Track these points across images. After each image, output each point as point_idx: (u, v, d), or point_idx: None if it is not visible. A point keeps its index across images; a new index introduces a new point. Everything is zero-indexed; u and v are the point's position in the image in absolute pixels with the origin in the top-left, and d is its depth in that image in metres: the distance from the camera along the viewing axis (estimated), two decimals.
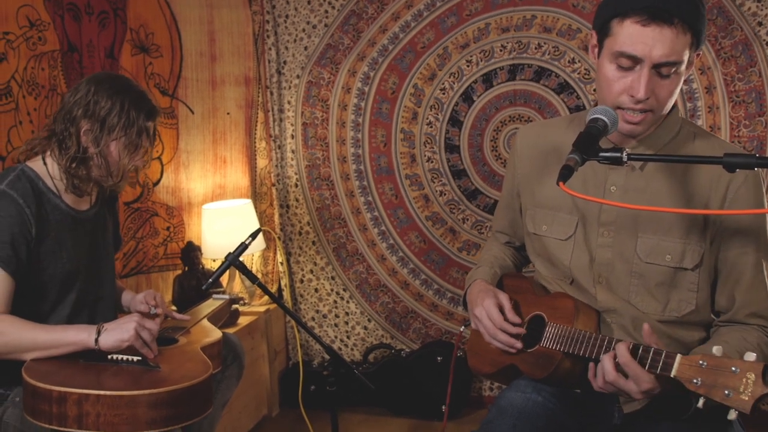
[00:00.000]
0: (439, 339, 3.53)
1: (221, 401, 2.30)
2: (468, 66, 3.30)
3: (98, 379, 1.75)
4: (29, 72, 2.56)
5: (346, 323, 3.66)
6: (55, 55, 2.68)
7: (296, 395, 3.38)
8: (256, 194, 3.66)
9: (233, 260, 2.16)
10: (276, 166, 3.59)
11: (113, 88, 1.97)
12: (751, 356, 1.26)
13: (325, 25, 3.44)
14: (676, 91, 1.56)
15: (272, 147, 3.57)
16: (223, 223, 3.26)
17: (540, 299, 1.79)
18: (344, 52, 3.44)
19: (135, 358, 1.85)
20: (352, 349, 3.66)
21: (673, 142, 1.66)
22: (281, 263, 3.63)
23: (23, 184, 1.90)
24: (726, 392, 1.25)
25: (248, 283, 3.44)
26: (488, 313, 1.75)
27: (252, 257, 3.67)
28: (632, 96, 1.52)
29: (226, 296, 2.66)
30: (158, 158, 3.28)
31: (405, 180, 3.47)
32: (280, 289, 3.67)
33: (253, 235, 2.23)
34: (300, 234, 3.64)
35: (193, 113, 3.45)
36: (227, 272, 3.28)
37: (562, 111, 3.21)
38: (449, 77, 3.33)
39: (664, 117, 1.64)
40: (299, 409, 3.29)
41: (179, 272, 3.31)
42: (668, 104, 1.58)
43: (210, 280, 2.12)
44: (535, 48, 3.21)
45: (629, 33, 1.48)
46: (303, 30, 3.47)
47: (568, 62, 3.17)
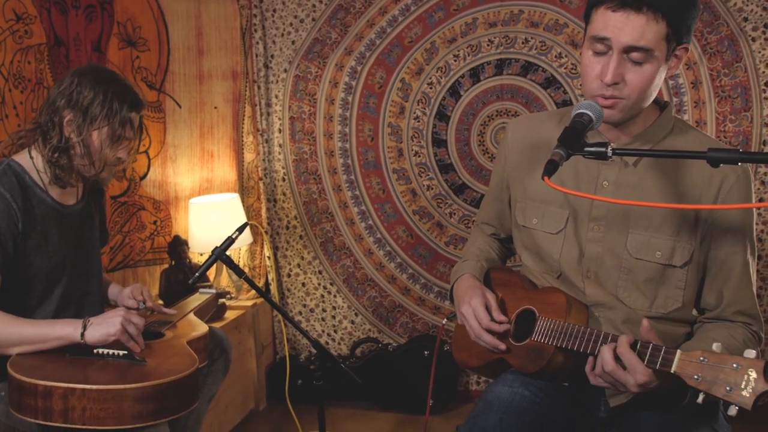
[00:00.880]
0: (426, 333, 3.54)
1: (208, 395, 2.30)
2: (455, 60, 3.31)
3: (84, 374, 1.75)
4: (15, 65, 2.54)
5: (333, 317, 3.66)
6: (42, 49, 2.66)
7: (283, 389, 3.37)
8: (244, 188, 3.65)
9: (220, 254, 2.15)
10: (263, 161, 3.58)
11: (96, 79, 1.97)
12: (752, 353, 1.28)
13: (313, 20, 3.44)
14: (654, 82, 1.55)
15: (259, 141, 3.56)
16: (211, 217, 3.25)
17: (529, 293, 1.79)
18: (331, 47, 3.44)
19: (121, 353, 1.85)
20: (339, 344, 3.67)
21: (668, 139, 1.67)
22: (268, 257, 3.63)
23: (9, 179, 1.90)
24: (727, 388, 1.27)
25: (235, 278, 3.43)
26: (475, 313, 1.75)
27: (239, 251, 3.67)
28: (602, 80, 1.54)
29: (213, 290, 2.65)
30: (145, 152, 3.26)
31: (392, 174, 3.47)
32: (267, 284, 3.66)
33: (240, 229, 2.23)
34: (287, 228, 3.64)
35: (181, 107, 3.44)
36: (214, 266, 3.28)
37: (549, 105, 3.22)
38: (436, 72, 3.34)
39: (659, 114, 1.66)
40: (286, 404, 3.28)
41: (166, 266, 3.30)
42: (645, 95, 1.57)
43: (197, 275, 2.12)
44: (522, 43, 3.21)
45: (602, 18, 1.52)
46: (290, 24, 3.47)
47: (555, 57, 3.18)
